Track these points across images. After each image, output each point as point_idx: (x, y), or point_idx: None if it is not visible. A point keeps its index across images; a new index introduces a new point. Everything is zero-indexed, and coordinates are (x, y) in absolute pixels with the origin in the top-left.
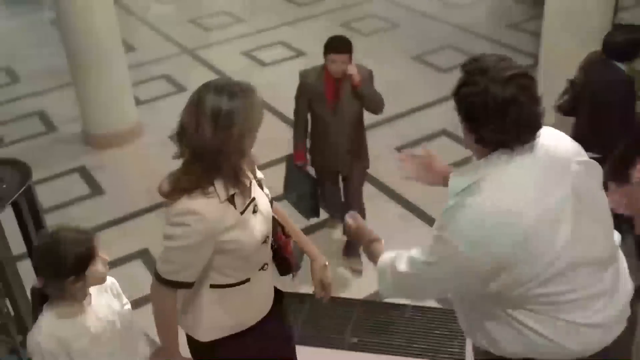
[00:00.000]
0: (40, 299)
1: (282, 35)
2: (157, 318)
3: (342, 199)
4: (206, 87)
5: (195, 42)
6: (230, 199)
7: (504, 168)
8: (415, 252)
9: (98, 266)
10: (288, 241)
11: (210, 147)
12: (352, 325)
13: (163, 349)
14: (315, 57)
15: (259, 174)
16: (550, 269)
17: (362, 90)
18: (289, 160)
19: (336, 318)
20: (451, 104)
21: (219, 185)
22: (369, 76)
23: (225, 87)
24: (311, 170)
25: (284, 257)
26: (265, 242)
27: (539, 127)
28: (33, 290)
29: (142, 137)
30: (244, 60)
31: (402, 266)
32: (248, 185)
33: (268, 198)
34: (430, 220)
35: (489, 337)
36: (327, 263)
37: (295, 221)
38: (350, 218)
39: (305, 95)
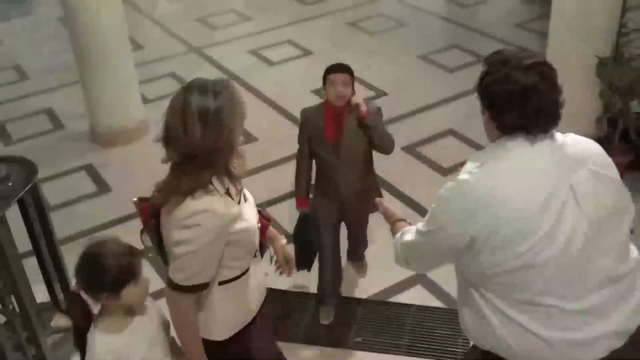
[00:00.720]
0: (78, 304)
1: (290, 34)
2: (180, 328)
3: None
4: (189, 89)
5: (202, 41)
6: (227, 192)
7: (511, 153)
8: (418, 224)
9: (136, 288)
10: (268, 225)
11: (201, 147)
12: (356, 324)
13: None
14: (323, 56)
15: None
16: (517, 261)
17: (369, 122)
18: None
19: (341, 317)
20: (458, 103)
21: (215, 181)
22: (377, 112)
23: (209, 87)
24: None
25: (261, 245)
26: (258, 229)
27: (558, 116)
28: (71, 293)
29: (148, 135)
30: (251, 58)
31: (407, 236)
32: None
33: None
34: None
35: (463, 322)
36: (285, 241)
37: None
38: (378, 204)
39: (305, 133)
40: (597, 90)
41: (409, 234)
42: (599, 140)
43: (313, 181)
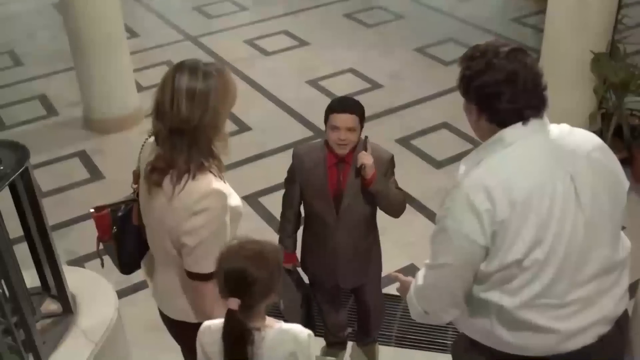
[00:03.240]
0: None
1: (286, 25)
2: (211, 315)
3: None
4: (180, 67)
5: (199, 30)
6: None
7: (504, 149)
8: (425, 263)
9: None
10: None
11: (186, 123)
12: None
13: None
14: (319, 47)
15: None
16: (510, 256)
17: (375, 188)
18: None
19: None
20: (453, 97)
21: (207, 162)
22: (388, 164)
23: (199, 68)
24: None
25: None
26: None
27: (544, 99)
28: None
29: (143, 123)
30: (247, 48)
31: (417, 281)
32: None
33: None
34: (430, 215)
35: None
36: None
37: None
38: (395, 278)
39: (298, 178)
40: (591, 86)
41: (418, 279)
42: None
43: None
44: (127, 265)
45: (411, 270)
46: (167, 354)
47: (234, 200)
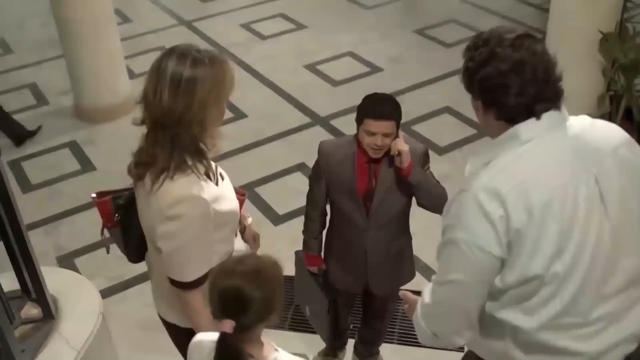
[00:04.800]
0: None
1: (282, 7)
2: (202, 326)
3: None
4: (170, 52)
5: (193, 14)
6: (206, 173)
7: (519, 148)
8: (432, 278)
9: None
10: (244, 199)
11: (168, 115)
12: None
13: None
14: (316, 30)
15: None
16: (544, 272)
17: (413, 179)
18: (298, 257)
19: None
20: (455, 80)
21: (192, 161)
22: (423, 157)
23: (191, 53)
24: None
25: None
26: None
27: (559, 91)
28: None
29: (135, 112)
30: (243, 32)
31: (424, 300)
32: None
33: None
34: None
35: None
36: (251, 220)
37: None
38: (403, 297)
39: (323, 176)
40: (599, 67)
41: (424, 296)
42: (601, 119)
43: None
44: (133, 254)
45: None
46: (158, 356)
47: (225, 204)
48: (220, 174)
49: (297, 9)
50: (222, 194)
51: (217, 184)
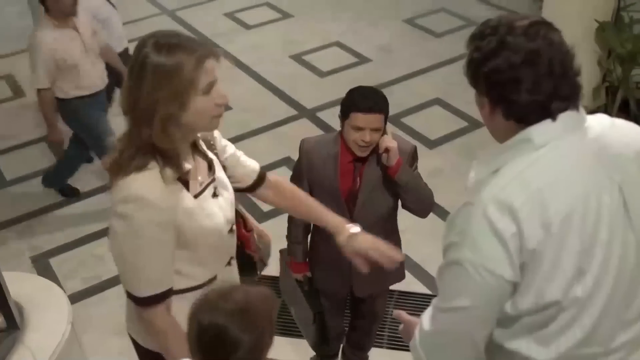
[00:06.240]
0: None
1: None
2: (171, 346)
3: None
4: (151, 36)
5: (176, 3)
6: (183, 180)
7: (532, 154)
8: (433, 302)
9: None
10: (249, 236)
11: (124, 107)
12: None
13: None
14: (303, 19)
15: (229, 149)
16: (563, 296)
17: (400, 179)
18: (283, 257)
19: None
20: (446, 70)
21: (162, 162)
22: (411, 155)
23: (159, 38)
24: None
25: (246, 254)
26: (231, 231)
27: (577, 87)
28: None
29: (115, 105)
30: (227, 22)
31: (424, 325)
32: (206, 162)
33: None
34: None
35: None
36: (351, 229)
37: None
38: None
39: (305, 174)
40: (595, 58)
41: (424, 322)
42: (596, 112)
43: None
44: None
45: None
46: None
47: (200, 221)
48: (216, 189)
49: None
50: (199, 208)
51: (197, 195)
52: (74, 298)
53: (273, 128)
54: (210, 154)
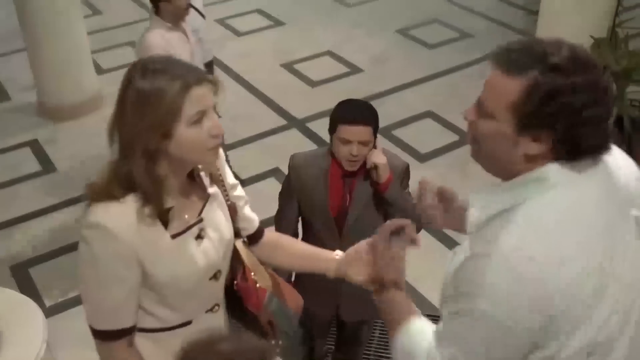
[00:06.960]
0: None
1: (260, 3)
2: None
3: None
4: (146, 59)
5: None
6: (162, 217)
7: (546, 193)
8: (433, 345)
9: None
10: (247, 287)
11: (121, 133)
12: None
13: None
14: (295, 28)
15: (236, 192)
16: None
17: (391, 195)
18: None
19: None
20: (438, 83)
21: (142, 198)
22: (403, 173)
23: (158, 64)
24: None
25: (248, 312)
26: (214, 277)
27: (608, 132)
28: None
29: (102, 109)
30: (218, 28)
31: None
32: (203, 200)
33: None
34: None
35: None
36: (338, 255)
37: None
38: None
39: (295, 191)
40: None
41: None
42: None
43: None
44: None
45: None
46: None
47: (168, 265)
48: (202, 231)
49: (275, 4)
50: (174, 250)
51: (175, 236)
52: (53, 310)
53: (262, 138)
54: (213, 190)
